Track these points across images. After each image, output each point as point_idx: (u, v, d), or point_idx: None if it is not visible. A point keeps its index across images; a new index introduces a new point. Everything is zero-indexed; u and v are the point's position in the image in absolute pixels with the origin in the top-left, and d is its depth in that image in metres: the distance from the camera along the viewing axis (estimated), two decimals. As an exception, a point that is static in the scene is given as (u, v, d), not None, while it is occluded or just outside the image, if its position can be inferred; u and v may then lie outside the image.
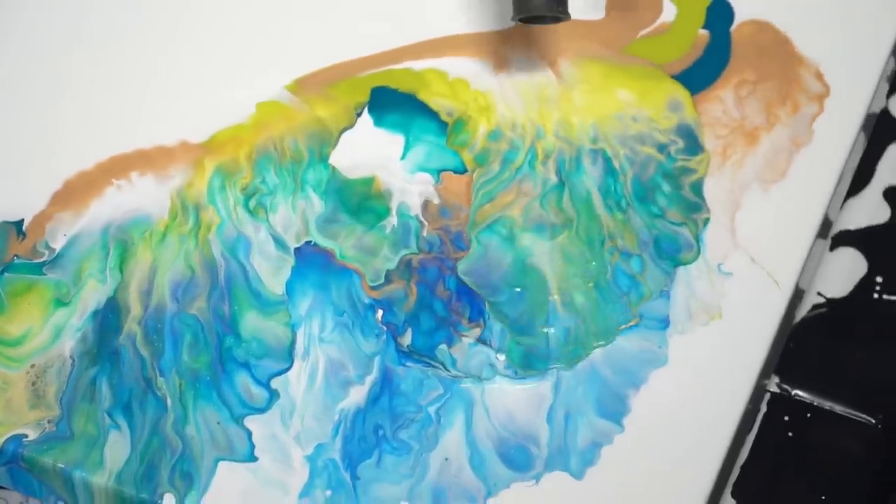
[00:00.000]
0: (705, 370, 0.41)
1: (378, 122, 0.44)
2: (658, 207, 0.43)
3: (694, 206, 0.43)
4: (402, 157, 0.44)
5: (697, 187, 0.43)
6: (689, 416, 0.41)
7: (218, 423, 0.41)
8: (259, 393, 0.41)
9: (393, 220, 0.43)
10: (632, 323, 0.41)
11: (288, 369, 0.41)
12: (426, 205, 0.43)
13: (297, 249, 0.43)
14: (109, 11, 0.47)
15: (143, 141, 0.45)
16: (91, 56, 0.46)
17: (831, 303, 0.43)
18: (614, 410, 0.41)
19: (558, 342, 0.41)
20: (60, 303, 0.43)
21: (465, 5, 0.46)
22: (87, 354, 0.42)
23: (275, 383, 0.41)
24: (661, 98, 0.44)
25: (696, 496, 0.40)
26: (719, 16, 0.45)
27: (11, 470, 0.41)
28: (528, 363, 0.41)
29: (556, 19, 0.41)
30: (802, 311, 0.43)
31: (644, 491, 0.40)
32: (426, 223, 0.43)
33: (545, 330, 0.41)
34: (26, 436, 0.41)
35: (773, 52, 0.45)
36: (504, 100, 0.44)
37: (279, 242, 0.43)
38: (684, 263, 0.42)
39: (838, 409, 0.41)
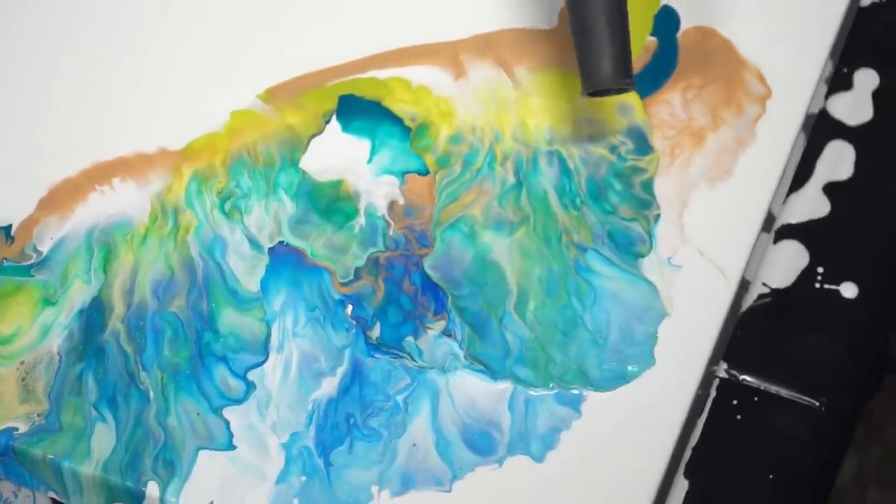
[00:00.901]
0: (657, 358, 0.41)
1: (345, 128, 0.45)
2: (610, 205, 0.44)
3: (645, 203, 0.43)
4: (369, 161, 0.45)
5: (648, 185, 0.44)
6: (643, 401, 0.41)
7: (198, 413, 0.42)
8: (236, 385, 0.42)
9: (361, 220, 0.44)
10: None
11: (263, 362, 0.42)
12: (392, 205, 0.44)
13: (270, 249, 0.44)
14: (91, 31, 0.48)
15: (124, 149, 0.46)
16: (74, 70, 0.47)
17: (776, 293, 0.44)
18: (572, 397, 0.41)
19: (518, 348, 0.42)
20: (48, 302, 0.44)
21: (426, 17, 0.47)
22: (73, 351, 0.43)
23: (251, 375, 0.42)
24: (612, 102, 0.45)
25: (650, 476, 0.40)
26: (666, 23, 0.46)
27: (3, 462, 0.42)
28: (485, 362, 0.42)
29: (623, 90, 0.40)
30: (748, 301, 0.44)
31: (601, 471, 0.40)
32: (392, 222, 0.44)
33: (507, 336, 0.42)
34: (17, 429, 0.42)
35: (718, 56, 0.45)
36: (464, 106, 0.45)
37: (253, 243, 0.44)
38: (640, 256, 0.43)
39: (784, 392, 0.42)
